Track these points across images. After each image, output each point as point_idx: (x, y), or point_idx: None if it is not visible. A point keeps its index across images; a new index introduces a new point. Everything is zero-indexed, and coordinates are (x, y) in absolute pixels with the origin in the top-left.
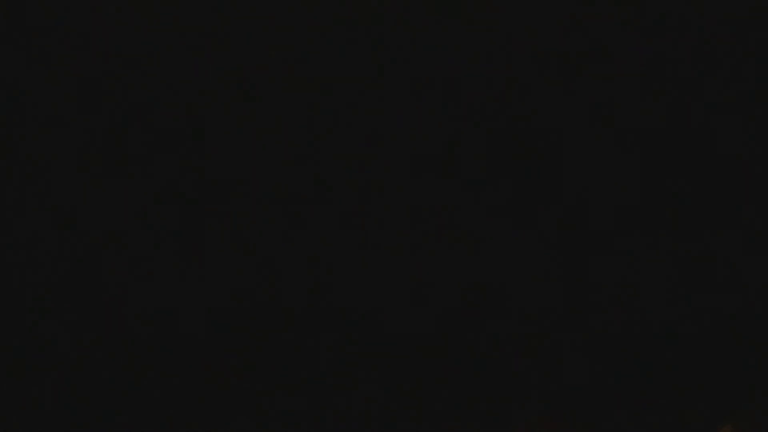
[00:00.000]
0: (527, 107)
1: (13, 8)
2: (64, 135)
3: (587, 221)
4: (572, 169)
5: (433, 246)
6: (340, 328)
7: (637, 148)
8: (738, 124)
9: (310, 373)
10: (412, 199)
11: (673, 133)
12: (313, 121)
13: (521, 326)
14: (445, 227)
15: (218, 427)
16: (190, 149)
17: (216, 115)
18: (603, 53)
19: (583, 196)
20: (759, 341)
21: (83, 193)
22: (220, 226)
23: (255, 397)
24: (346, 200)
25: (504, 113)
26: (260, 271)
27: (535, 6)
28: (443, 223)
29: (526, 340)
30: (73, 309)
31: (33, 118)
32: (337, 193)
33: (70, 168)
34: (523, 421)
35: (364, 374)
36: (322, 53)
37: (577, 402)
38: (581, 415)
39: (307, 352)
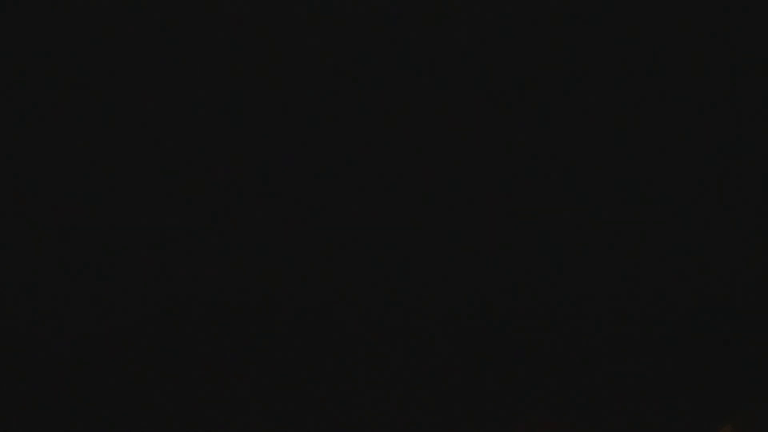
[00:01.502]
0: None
1: None
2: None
3: (588, 223)
4: (570, 172)
5: (435, 247)
6: (340, 328)
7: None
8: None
9: (311, 372)
10: (414, 201)
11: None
12: (318, 120)
13: (522, 327)
14: (447, 229)
15: (218, 427)
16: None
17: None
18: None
19: (585, 197)
20: (759, 341)
21: (86, 190)
22: (224, 225)
23: (255, 397)
24: (349, 200)
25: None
26: (263, 270)
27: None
28: (445, 224)
29: (527, 340)
30: (73, 308)
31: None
32: (341, 192)
33: (70, 164)
34: (523, 421)
35: (365, 374)
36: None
37: (577, 402)
38: (581, 415)
39: (309, 351)
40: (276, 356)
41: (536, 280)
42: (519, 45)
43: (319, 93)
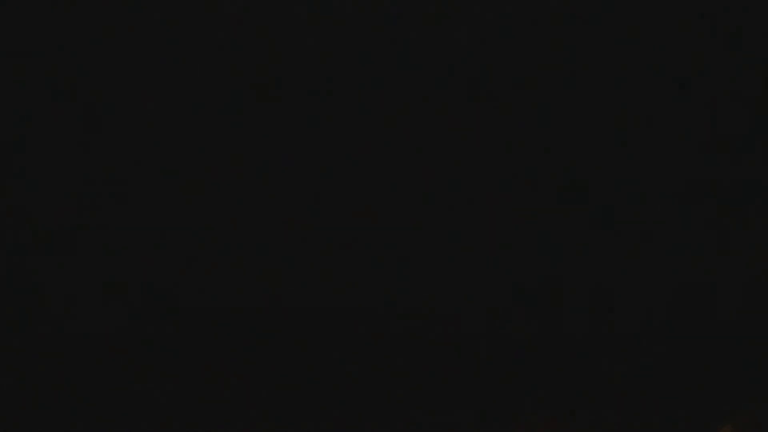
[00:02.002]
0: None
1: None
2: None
3: (588, 223)
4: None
5: (435, 247)
6: (340, 327)
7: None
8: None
9: (311, 372)
10: (414, 201)
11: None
12: (323, 120)
13: (522, 327)
14: (447, 229)
15: (218, 428)
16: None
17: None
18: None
19: (586, 197)
20: (759, 341)
21: (86, 191)
22: (224, 224)
23: (255, 397)
24: (350, 200)
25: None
26: (263, 270)
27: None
28: (445, 224)
29: (527, 340)
30: (70, 307)
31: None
32: (340, 192)
33: (69, 164)
34: (523, 421)
35: (365, 373)
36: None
37: (577, 402)
38: (581, 415)
39: (308, 351)
40: (275, 357)
41: (536, 280)
42: (519, 45)
43: (319, 93)
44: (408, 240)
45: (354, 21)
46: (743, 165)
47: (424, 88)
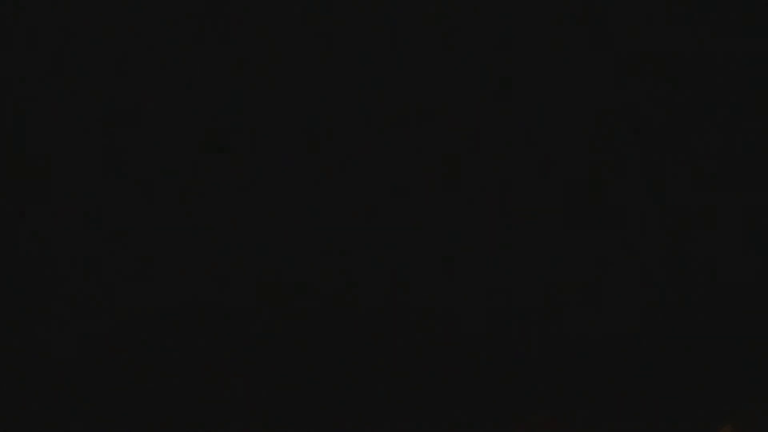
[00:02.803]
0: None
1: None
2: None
3: (588, 222)
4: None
5: (434, 247)
6: (339, 327)
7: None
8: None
9: (311, 372)
10: (414, 201)
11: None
12: (324, 121)
13: (522, 327)
14: (447, 229)
15: (218, 428)
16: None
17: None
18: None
19: (585, 196)
20: (759, 341)
21: (85, 191)
22: (228, 223)
23: (255, 397)
24: (350, 200)
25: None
26: (263, 270)
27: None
28: (445, 224)
29: (527, 340)
30: (76, 307)
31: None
32: (342, 192)
33: (71, 165)
34: (523, 421)
35: (365, 373)
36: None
37: (577, 402)
38: (581, 415)
39: (308, 351)
40: (275, 357)
41: (536, 280)
42: (519, 45)
43: (319, 93)
44: (408, 240)
45: (354, 21)
46: (742, 164)
47: (424, 88)
